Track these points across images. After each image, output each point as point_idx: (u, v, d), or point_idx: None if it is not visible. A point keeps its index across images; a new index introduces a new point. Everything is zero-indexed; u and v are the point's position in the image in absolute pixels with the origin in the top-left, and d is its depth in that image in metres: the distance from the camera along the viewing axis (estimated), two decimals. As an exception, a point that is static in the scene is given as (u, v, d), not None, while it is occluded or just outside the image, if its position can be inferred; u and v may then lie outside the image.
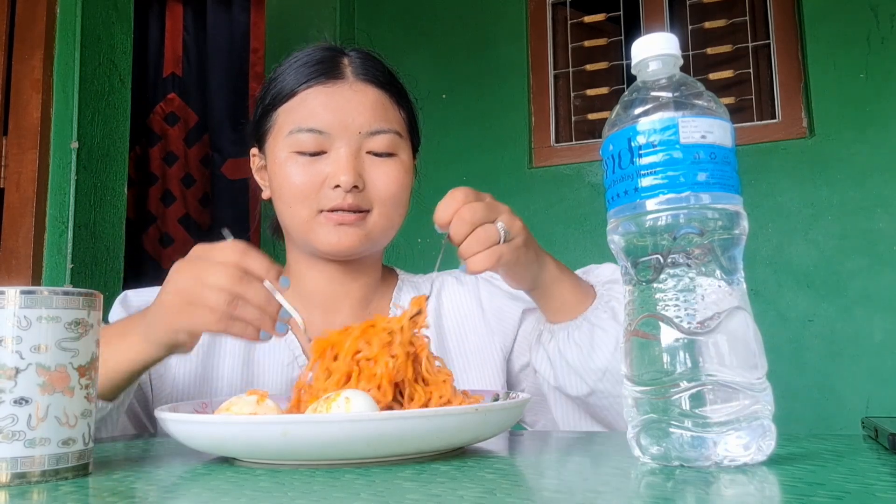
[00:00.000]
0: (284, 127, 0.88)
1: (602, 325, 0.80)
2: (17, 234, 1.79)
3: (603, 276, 0.88)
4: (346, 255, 0.90)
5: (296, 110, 0.88)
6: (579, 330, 0.81)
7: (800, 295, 2.15)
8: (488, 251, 0.71)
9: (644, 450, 0.50)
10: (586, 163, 2.43)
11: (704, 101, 0.52)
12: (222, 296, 0.65)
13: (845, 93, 2.18)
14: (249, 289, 0.66)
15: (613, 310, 0.81)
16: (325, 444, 0.51)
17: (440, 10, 2.70)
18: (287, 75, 0.90)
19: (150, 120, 2.91)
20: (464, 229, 0.70)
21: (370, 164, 0.87)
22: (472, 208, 0.71)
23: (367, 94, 0.88)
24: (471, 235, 0.71)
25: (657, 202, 0.50)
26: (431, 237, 2.61)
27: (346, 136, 0.86)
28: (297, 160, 0.86)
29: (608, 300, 0.82)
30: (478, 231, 0.71)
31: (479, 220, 0.71)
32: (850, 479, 0.43)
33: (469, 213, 0.71)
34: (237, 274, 0.66)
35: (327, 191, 0.86)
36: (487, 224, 0.72)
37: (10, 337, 0.49)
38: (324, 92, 0.87)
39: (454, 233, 0.71)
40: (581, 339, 0.81)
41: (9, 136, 1.86)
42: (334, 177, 0.85)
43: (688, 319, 0.49)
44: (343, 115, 0.86)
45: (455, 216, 0.71)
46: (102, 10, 1.93)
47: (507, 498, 0.41)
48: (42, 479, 0.49)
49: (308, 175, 0.86)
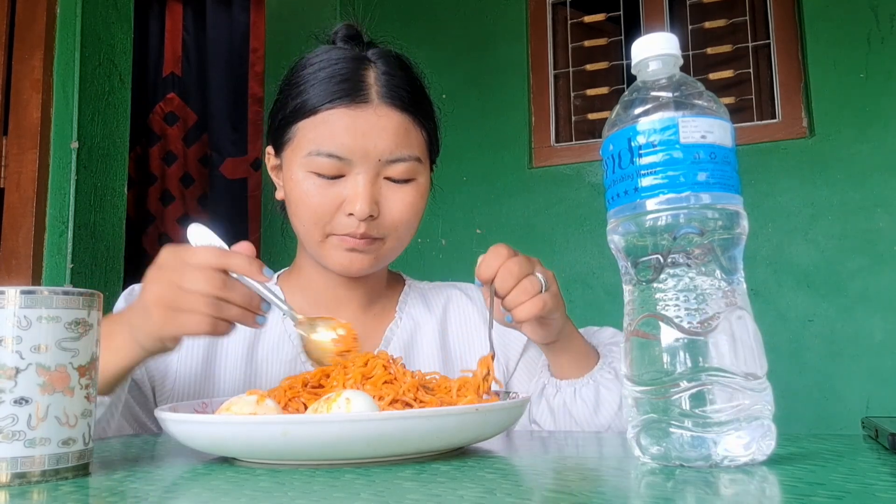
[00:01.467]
0: (303, 145, 0.86)
1: (607, 385, 0.84)
2: (17, 234, 1.79)
3: (604, 339, 0.93)
4: (355, 276, 0.91)
5: (316, 131, 0.85)
6: (586, 388, 0.85)
7: (800, 295, 2.15)
8: (533, 300, 0.74)
9: (644, 450, 0.50)
10: (586, 163, 2.43)
11: (704, 100, 0.52)
12: (205, 300, 0.66)
13: (845, 93, 2.18)
14: (232, 291, 0.67)
15: (616, 370, 0.85)
16: (326, 444, 0.51)
17: (440, 10, 2.70)
18: (309, 87, 0.87)
19: (150, 120, 2.92)
20: (510, 282, 0.74)
21: (387, 190, 0.86)
22: (517, 262, 0.75)
23: (392, 119, 0.85)
24: (516, 287, 0.74)
25: (657, 202, 0.50)
26: (431, 238, 2.62)
27: (366, 163, 0.84)
28: (314, 181, 0.85)
29: (611, 361, 0.87)
30: (523, 282, 0.75)
31: (523, 273, 0.75)
32: (850, 479, 0.43)
33: (515, 266, 0.75)
34: (217, 277, 0.66)
35: (341, 217, 0.85)
36: (530, 276, 0.76)
37: (10, 337, 0.49)
38: (347, 115, 0.84)
39: (500, 286, 0.74)
40: (587, 397, 0.85)
41: (9, 136, 1.86)
42: (350, 204, 0.84)
43: (688, 319, 0.49)
44: (365, 141, 0.84)
45: (501, 269, 0.74)
46: (102, 10, 1.93)
47: (507, 498, 0.41)
48: (42, 479, 0.49)
49: (324, 198, 0.85)
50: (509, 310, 0.75)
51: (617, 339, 0.92)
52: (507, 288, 0.74)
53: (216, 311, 0.66)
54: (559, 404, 0.86)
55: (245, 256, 0.68)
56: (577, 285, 2.36)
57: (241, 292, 0.67)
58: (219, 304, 0.66)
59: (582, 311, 2.36)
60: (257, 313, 0.69)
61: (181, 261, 0.67)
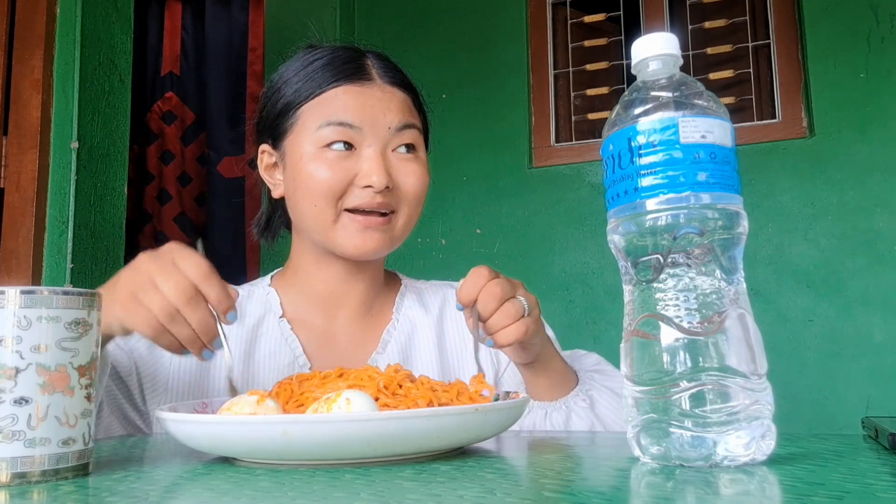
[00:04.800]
0: (311, 122, 0.87)
1: (578, 413, 0.84)
2: (17, 234, 1.79)
3: (586, 365, 0.91)
4: (369, 258, 0.91)
5: (324, 106, 0.87)
6: (557, 412, 0.84)
7: (800, 295, 2.15)
8: (516, 324, 0.73)
9: (644, 450, 0.50)
10: (586, 163, 2.43)
11: (704, 100, 0.52)
12: (164, 307, 0.65)
13: (845, 92, 2.18)
14: (194, 312, 0.65)
15: (592, 399, 0.84)
16: (326, 444, 0.51)
17: (440, 10, 2.70)
18: (309, 74, 0.89)
19: (148, 119, 2.91)
20: (492, 305, 0.73)
21: (397, 163, 0.88)
22: (499, 284, 0.74)
23: (396, 95, 0.89)
24: (498, 311, 0.73)
25: (657, 202, 0.50)
26: (431, 238, 2.61)
27: (376, 133, 0.86)
28: (326, 156, 0.85)
29: (588, 388, 0.85)
30: (505, 306, 0.73)
31: (506, 296, 0.74)
32: (850, 479, 0.43)
33: (498, 289, 0.73)
34: (188, 293, 0.65)
35: (356, 190, 0.85)
36: (513, 299, 0.74)
37: (11, 337, 0.49)
38: (353, 90, 0.87)
39: (483, 308, 0.73)
40: (556, 422, 0.84)
41: (9, 136, 1.86)
42: (366, 177, 0.85)
43: (688, 319, 0.49)
44: (374, 111, 0.86)
45: (483, 292, 0.73)
46: (102, 9, 1.93)
47: (507, 498, 0.41)
48: (42, 478, 0.49)
49: (336, 172, 0.85)
50: (491, 333, 0.74)
51: (601, 368, 0.90)
52: (490, 311, 0.73)
53: (167, 321, 0.65)
54: (528, 425, 0.85)
55: (223, 291, 0.67)
56: (577, 285, 2.36)
57: (200, 317, 0.66)
58: (173, 317, 0.65)
59: (582, 311, 2.36)
60: (206, 346, 0.67)
61: (171, 259, 0.67)
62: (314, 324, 0.95)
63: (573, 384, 0.86)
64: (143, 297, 0.65)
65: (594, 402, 0.84)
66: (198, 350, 0.67)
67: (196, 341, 0.67)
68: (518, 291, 0.76)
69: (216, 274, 0.67)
